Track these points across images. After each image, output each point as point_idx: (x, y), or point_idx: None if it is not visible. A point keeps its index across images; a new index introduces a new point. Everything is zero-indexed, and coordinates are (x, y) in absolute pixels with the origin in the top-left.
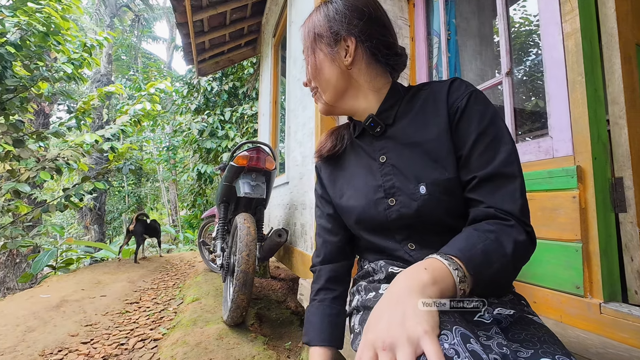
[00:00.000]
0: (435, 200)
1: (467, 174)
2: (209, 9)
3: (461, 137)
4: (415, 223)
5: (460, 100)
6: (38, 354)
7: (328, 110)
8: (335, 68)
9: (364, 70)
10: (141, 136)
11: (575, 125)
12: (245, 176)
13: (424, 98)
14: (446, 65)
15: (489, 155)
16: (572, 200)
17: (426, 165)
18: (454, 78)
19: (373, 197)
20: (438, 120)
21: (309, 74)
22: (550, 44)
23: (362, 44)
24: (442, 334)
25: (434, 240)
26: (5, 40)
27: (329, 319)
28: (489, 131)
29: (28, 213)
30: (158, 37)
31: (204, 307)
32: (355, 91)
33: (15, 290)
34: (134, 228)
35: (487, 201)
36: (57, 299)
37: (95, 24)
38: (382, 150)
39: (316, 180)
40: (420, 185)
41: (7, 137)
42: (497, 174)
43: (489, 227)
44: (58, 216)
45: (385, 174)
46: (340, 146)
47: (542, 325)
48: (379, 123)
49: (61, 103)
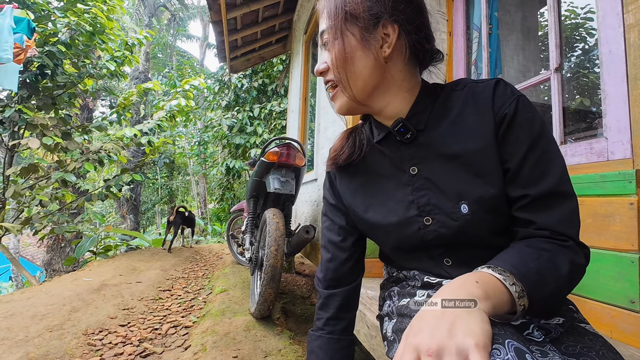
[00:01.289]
0: (478, 220)
1: (517, 190)
2: (243, 6)
3: (509, 149)
4: (454, 243)
5: (508, 106)
6: (82, 333)
7: (350, 109)
8: (369, 59)
9: (400, 65)
10: (174, 131)
11: (635, 126)
12: (275, 172)
13: (462, 102)
14: (487, 61)
15: (541, 170)
16: (629, 207)
17: (467, 180)
18: (497, 79)
19: (404, 215)
20: (483, 129)
21: (330, 62)
22: (608, 36)
23: (406, 35)
24: (494, 349)
25: (472, 256)
26: (57, 39)
27: (341, 354)
28: (540, 143)
29: (73, 201)
30: (192, 36)
31: (232, 298)
32: (386, 89)
33: (60, 272)
34: (174, 219)
35: (540, 222)
36: (97, 283)
37: (135, 24)
38: (412, 160)
39: (326, 187)
40: (462, 203)
41: (56, 130)
42: (553, 192)
43: (543, 245)
44: (98, 205)
45: (418, 189)
46: (359, 153)
47: (598, 335)
48: (410, 129)
49: (104, 98)
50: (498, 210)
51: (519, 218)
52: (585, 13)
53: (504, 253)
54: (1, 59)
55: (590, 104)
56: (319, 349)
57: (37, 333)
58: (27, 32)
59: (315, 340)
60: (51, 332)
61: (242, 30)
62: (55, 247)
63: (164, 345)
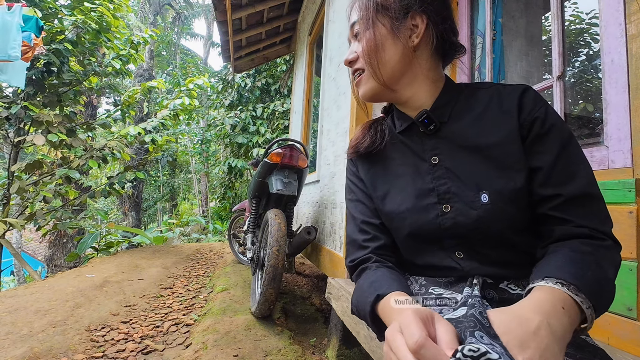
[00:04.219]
0: (499, 211)
1: (548, 189)
2: (248, 7)
3: (540, 149)
4: (470, 234)
5: (538, 109)
6: (84, 329)
7: (375, 94)
8: (399, 47)
9: (426, 56)
10: (177, 129)
11: (636, 135)
12: (278, 173)
13: (487, 99)
14: (490, 67)
15: (572, 171)
16: (628, 215)
17: (488, 172)
18: (526, 86)
19: (423, 202)
20: (506, 126)
21: (360, 51)
22: (611, 46)
23: (434, 26)
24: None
25: (486, 253)
26: (63, 37)
27: (396, 275)
28: (570, 148)
29: (76, 198)
30: (196, 34)
31: (233, 297)
32: (412, 78)
33: (61, 267)
34: None
35: (578, 220)
36: (100, 279)
37: (140, 22)
38: (434, 150)
39: (350, 171)
40: (482, 193)
41: (61, 127)
42: (586, 194)
43: (585, 247)
44: (100, 202)
45: (439, 177)
46: (380, 142)
47: (597, 347)
48: (434, 120)
49: (108, 96)
50: (518, 205)
51: (554, 217)
52: (590, 18)
53: (556, 260)
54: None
55: (594, 110)
56: (367, 277)
57: (41, 328)
58: (35, 30)
59: (361, 277)
60: (54, 328)
61: (246, 31)
62: (57, 242)
63: (165, 342)
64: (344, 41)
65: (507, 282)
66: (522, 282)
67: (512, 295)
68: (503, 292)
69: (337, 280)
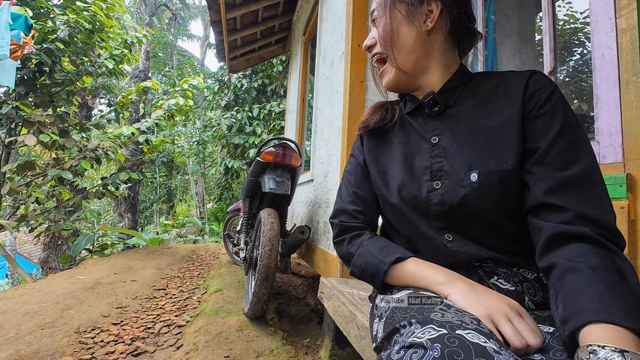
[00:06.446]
0: (486, 192)
1: (541, 170)
2: (242, 7)
3: (539, 129)
4: (457, 213)
5: (544, 91)
6: (73, 331)
7: (398, 82)
8: (413, 31)
9: (440, 41)
10: (173, 130)
11: (626, 130)
12: (270, 172)
13: (493, 85)
14: (482, 65)
15: (571, 155)
16: (619, 211)
17: (482, 152)
18: (535, 70)
19: (419, 179)
20: (508, 110)
21: (378, 36)
22: (601, 41)
23: (448, 11)
24: None
25: (474, 237)
26: (55, 36)
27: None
28: (572, 130)
29: (70, 199)
30: (193, 35)
31: (226, 298)
32: (426, 63)
33: (56, 269)
34: None
35: (575, 208)
36: (92, 281)
37: (136, 22)
38: (435, 131)
39: (355, 146)
40: (472, 172)
41: (54, 128)
42: (585, 179)
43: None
44: (95, 203)
45: (435, 156)
46: (390, 120)
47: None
48: (439, 102)
49: (102, 97)
50: (508, 188)
51: (548, 204)
52: (584, 18)
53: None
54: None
55: (588, 109)
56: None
57: (29, 330)
58: (25, 28)
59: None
60: (43, 330)
61: (241, 31)
62: (51, 244)
63: (156, 344)
64: (337, 39)
65: (497, 278)
66: (513, 279)
67: (501, 290)
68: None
69: (330, 279)
